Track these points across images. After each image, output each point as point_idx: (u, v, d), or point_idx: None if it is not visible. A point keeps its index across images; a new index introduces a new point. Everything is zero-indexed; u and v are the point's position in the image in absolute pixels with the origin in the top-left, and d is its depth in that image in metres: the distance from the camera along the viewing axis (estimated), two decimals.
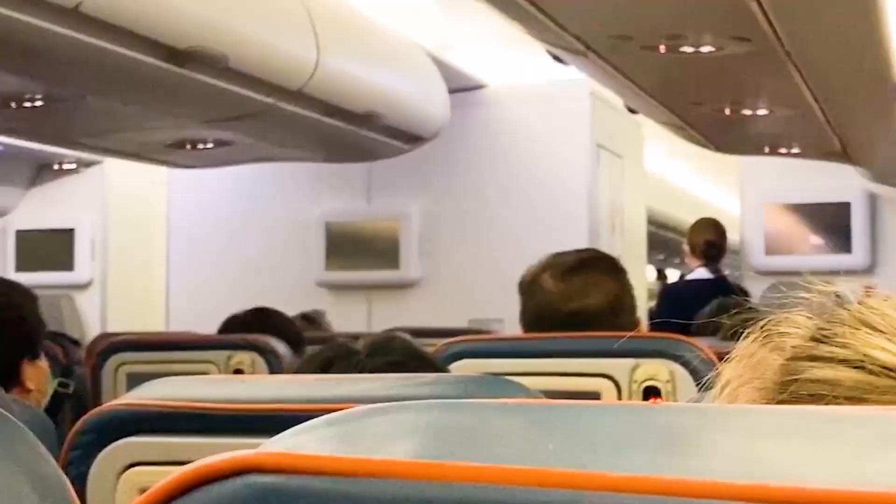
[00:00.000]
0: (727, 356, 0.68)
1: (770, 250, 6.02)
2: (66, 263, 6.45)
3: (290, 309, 4.39)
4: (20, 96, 3.69)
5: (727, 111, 3.58)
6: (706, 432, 0.39)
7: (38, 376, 2.29)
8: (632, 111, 5.09)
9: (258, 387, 1.26)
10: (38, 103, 3.74)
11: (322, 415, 1.21)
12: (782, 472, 0.35)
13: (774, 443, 0.37)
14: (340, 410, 1.16)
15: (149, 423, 1.21)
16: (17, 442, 0.50)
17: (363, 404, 1.18)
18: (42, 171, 6.48)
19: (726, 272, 6.08)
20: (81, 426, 1.24)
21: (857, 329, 0.59)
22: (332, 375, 1.28)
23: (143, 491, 0.43)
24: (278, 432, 1.25)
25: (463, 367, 2.12)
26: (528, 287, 2.30)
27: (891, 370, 0.56)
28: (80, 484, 1.19)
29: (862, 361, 0.57)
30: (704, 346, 2.14)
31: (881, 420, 0.40)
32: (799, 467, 0.36)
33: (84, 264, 6.44)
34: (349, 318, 5.55)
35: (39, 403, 2.20)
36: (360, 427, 0.44)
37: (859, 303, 0.62)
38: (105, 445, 1.22)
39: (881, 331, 0.58)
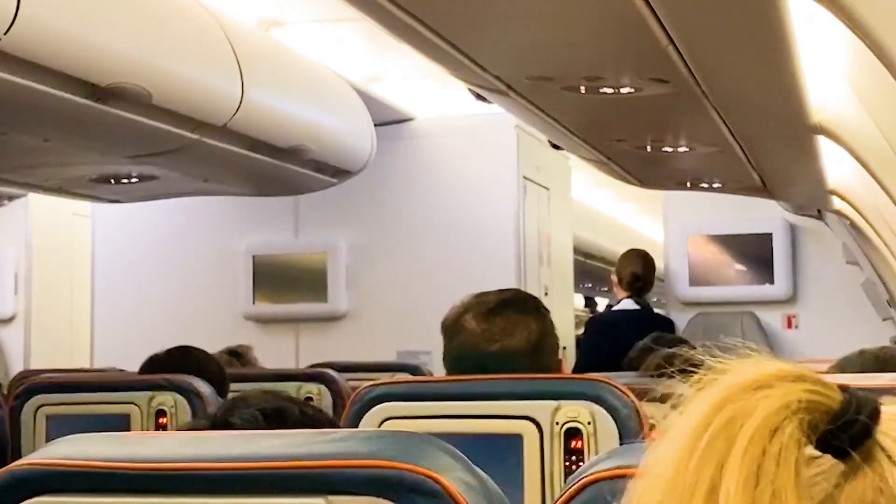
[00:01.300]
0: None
1: (694, 281, 6.10)
2: None
3: (218, 343, 4.37)
4: None
5: (649, 148, 3.63)
6: None
7: None
8: (556, 147, 5.14)
9: (169, 444, 1.25)
10: None
11: (232, 473, 1.20)
12: None
13: None
14: (250, 470, 1.15)
15: (57, 483, 1.19)
16: None
17: (273, 463, 1.17)
18: None
19: (654, 299, 6.15)
20: None
21: None
22: (241, 432, 1.27)
23: None
24: (186, 491, 1.24)
25: (384, 411, 2.12)
26: (451, 328, 2.31)
27: None
28: None
29: None
30: (624, 386, 2.16)
31: None
32: None
33: (7, 298, 6.34)
34: (277, 352, 5.52)
35: None
36: None
37: None
38: None
39: None
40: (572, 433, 2.10)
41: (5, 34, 2.66)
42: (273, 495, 1.10)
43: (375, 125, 4.88)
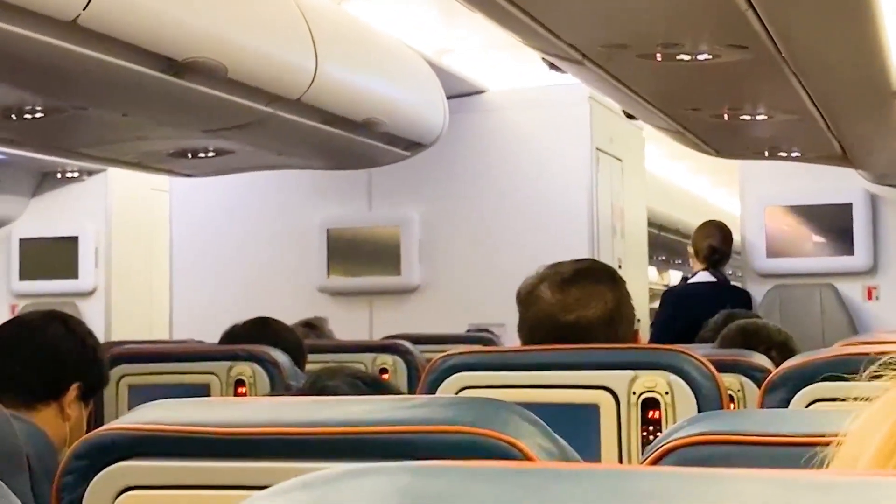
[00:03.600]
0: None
1: (771, 253, 6.02)
2: (70, 271, 6.46)
3: (292, 315, 4.41)
4: (20, 108, 3.70)
5: (726, 117, 3.58)
6: (682, 501, 0.39)
7: (79, 414, 2.26)
8: (630, 117, 5.09)
9: (254, 409, 1.26)
10: (38, 115, 3.75)
11: (315, 438, 1.20)
12: None
13: None
14: (333, 435, 1.15)
15: (144, 447, 1.21)
16: None
17: (356, 428, 1.17)
18: (45, 179, 6.50)
19: (729, 272, 6.08)
20: (76, 450, 1.24)
21: None
22: (326, 398, 1.28)
23: None
24: (272, 456, 1.25)
25: (460, 380, 2.12)
26: (526, 298, 2.29)
27: None
28: None
29: None
30: (702, 357, 2.13)
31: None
32: None
33: (88, 272, 6.45)
34: (351, 324, 5.55)
35: (65, 440, 2.17)
36: (334, 492, 0.44)
37: None
38: (100, 470, 1.22)
39: None
40: (650, 403, 2.09)
41: (84, 10, 2.69)
42: (354, 459, 1.10)
43: (447, 98, 4.88)
